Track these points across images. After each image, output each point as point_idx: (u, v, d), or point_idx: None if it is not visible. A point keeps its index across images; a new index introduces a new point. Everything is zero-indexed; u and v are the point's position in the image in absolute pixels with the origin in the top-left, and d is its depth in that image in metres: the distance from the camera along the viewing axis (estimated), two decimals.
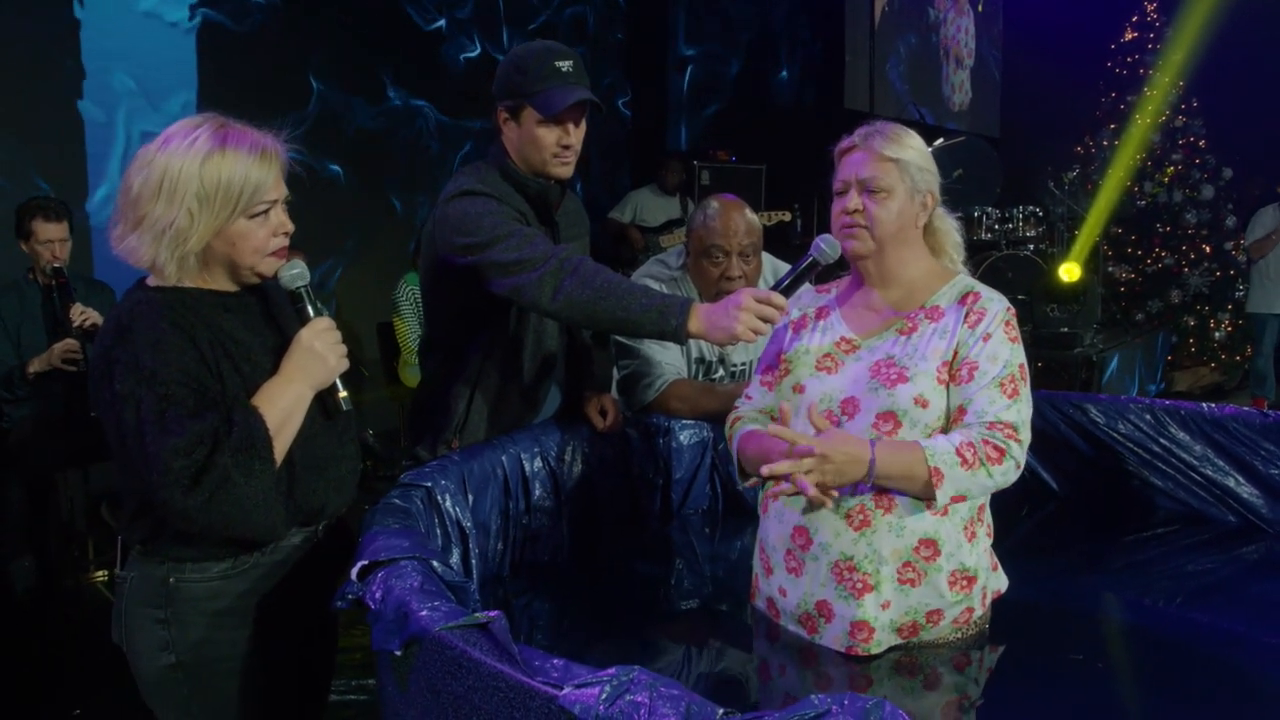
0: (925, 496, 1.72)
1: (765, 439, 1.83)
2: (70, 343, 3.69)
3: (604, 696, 1.08)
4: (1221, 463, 2.63)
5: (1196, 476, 2.66)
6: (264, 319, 1.72)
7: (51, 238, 3.76)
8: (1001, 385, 1.74)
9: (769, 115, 8.49)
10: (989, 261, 6.49)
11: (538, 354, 2.40)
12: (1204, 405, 2.68)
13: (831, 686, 1.75)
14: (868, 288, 1.92)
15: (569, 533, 2.46)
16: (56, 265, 3.75)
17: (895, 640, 1.79)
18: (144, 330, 1.55)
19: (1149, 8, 8.11)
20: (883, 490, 1.75)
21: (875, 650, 1.77)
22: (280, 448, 1.60)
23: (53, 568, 3.94)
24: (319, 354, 1.66)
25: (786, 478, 1.69)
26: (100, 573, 4.07)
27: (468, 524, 2.13)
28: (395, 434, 5.53)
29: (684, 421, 2.69)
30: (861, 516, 1.76)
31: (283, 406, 1.61)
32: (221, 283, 1.67)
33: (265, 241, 1.64)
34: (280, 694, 1.76)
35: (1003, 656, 1.87)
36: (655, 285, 2.68)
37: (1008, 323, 1.80)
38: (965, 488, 1.71)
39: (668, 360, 2.69)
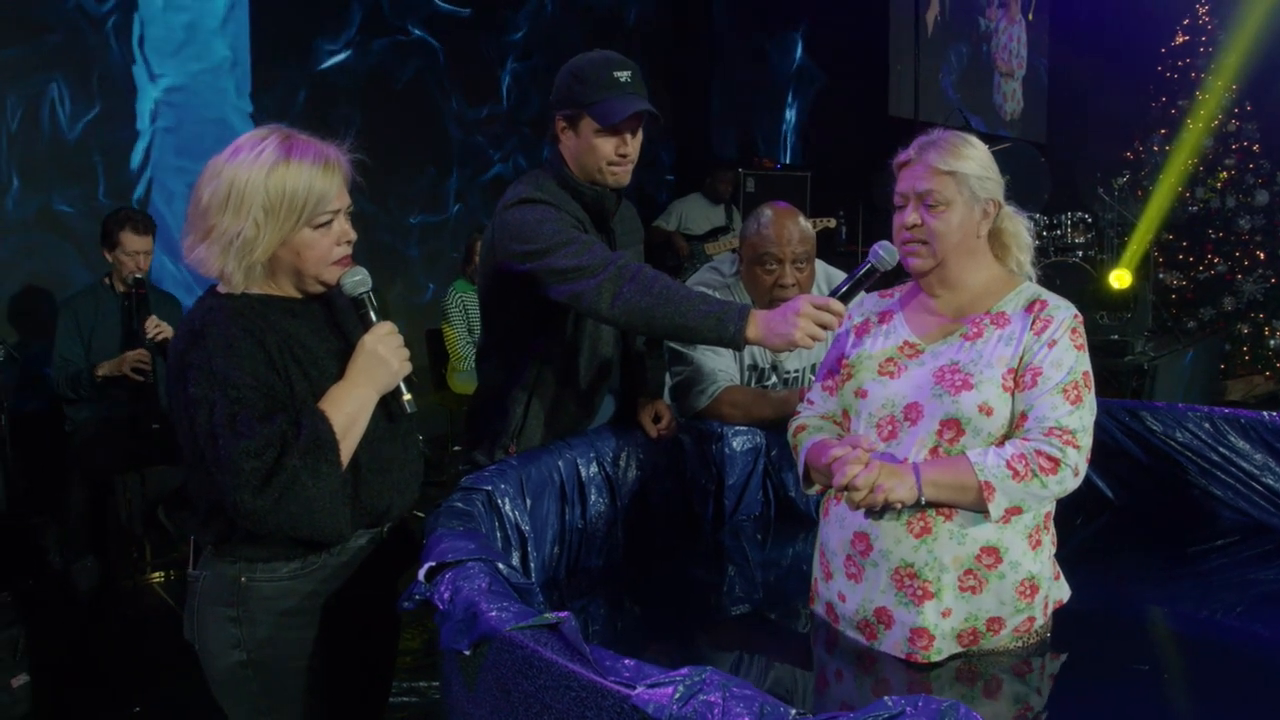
0: (980, 510, 1.72)
1: (832, 450, 1.82)
2: (142, 353, 3.80)
3: (677, 696, 1.10)
4: None
5: (1257, 486, 2.61)
6: (329, 325, 1.76)
7: (137, 249, 3.89)
8: (1065, 391, 1.73)
9: (814, 122, 8.48)
10: (1037, 269, 6.42)
11: (593, 360, 2.42)
12: (1264, 413, 2.63)
13: (890, 693, 1.74)
14: (929, 293, 1.91)
15: (623, 537, 2.48)
16: (138, 276, 3.87)
17: (955, 648, 1.79)
18: (216, 335, 1.59)
19: (1200, 11, 7.98)
20: None
21: (935, 658, 1.77)
22: (346, 450, 1.64)
23: (113, 568, 4.02)
24: (383, 358, 1.70)
25: None
26: (157, 574, 4.14)
27: (526, 528, 2.15)
28: (443, 440, 5.58)
29: (737, 428, 2.70)
30: (922, 523, 1.76)
31: (348, 410, 1.65)
32: (287, 290, 1.71)
33: (329, 250, 1.68)
34: (345, 691, 1.80)
35: (1064, 665, 1.86)
36: (709, 292, 2.69)
37: (1074, 329, 1.79)
38: (1019, 499, 1.71)
39: (721, 367, 2.70)
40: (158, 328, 3.79)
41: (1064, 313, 1.80)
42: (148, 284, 3.97)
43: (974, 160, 1.83)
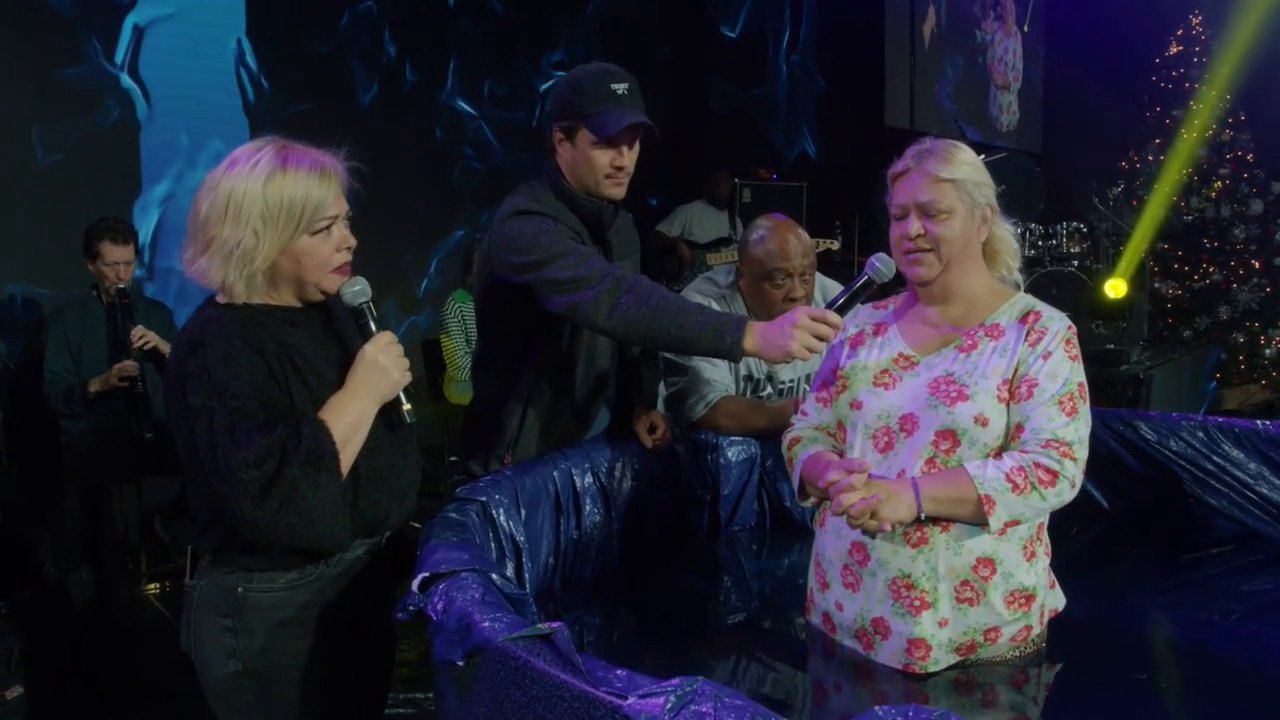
0: (979, 523, 1.73)
1: (826, 462, 1.83)
2: (129, 364, 3.80)
3: (669, 706, 1.10)
4: (1277, 481, 2.59)
5: (1251, 495, 2.62)
6: (328, 334, 1.77)
7: (118, 260, 3.88)
8: (1060, 403, 1.74)
9: (810, 133, 8.51)
10: (1032, 278, 6.42)
11: (590, 371, 2.42)
12: (1258, 422, 2.64)
13: (888, 703, 1.75)
14: (926, 304, 1.92)
15: (618, 548, 2.48)
16: (121, 286, 3.87)
17: (953, 658, 1.79)
18: (215, 345, 1.60)
19: (1194, 20, 8.02)
20: None
21: (932, 668, 1.77)
22: (346, 460, 1.64)
23: (109, 579, 4.02)
24: (383, 368, 1.71)
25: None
26: (153, 585, 4.14)
27: (521, 538, 2.15)
28: (439, 450, 5.57)
29: (732, 438, 2.70)
30: (920, 534, 1.76)
31: (348, 420, 1.65)
32: (287, 299, 1.72)
33: (329, 257, 1.69)
34: (341, 702, 1.79)
35: (1061, 674, 1.86)
36: (705, 303, 2.69)
37: (1068, 341, 1.79)
38: (1019, 512, 1.72)
39: (716, 377, 2.70)
40: (143, 337, 3.81)
41: (1058, 324, 1.81)
42: (132, 294, 3.96)
43: (969, 166, 1.84)
